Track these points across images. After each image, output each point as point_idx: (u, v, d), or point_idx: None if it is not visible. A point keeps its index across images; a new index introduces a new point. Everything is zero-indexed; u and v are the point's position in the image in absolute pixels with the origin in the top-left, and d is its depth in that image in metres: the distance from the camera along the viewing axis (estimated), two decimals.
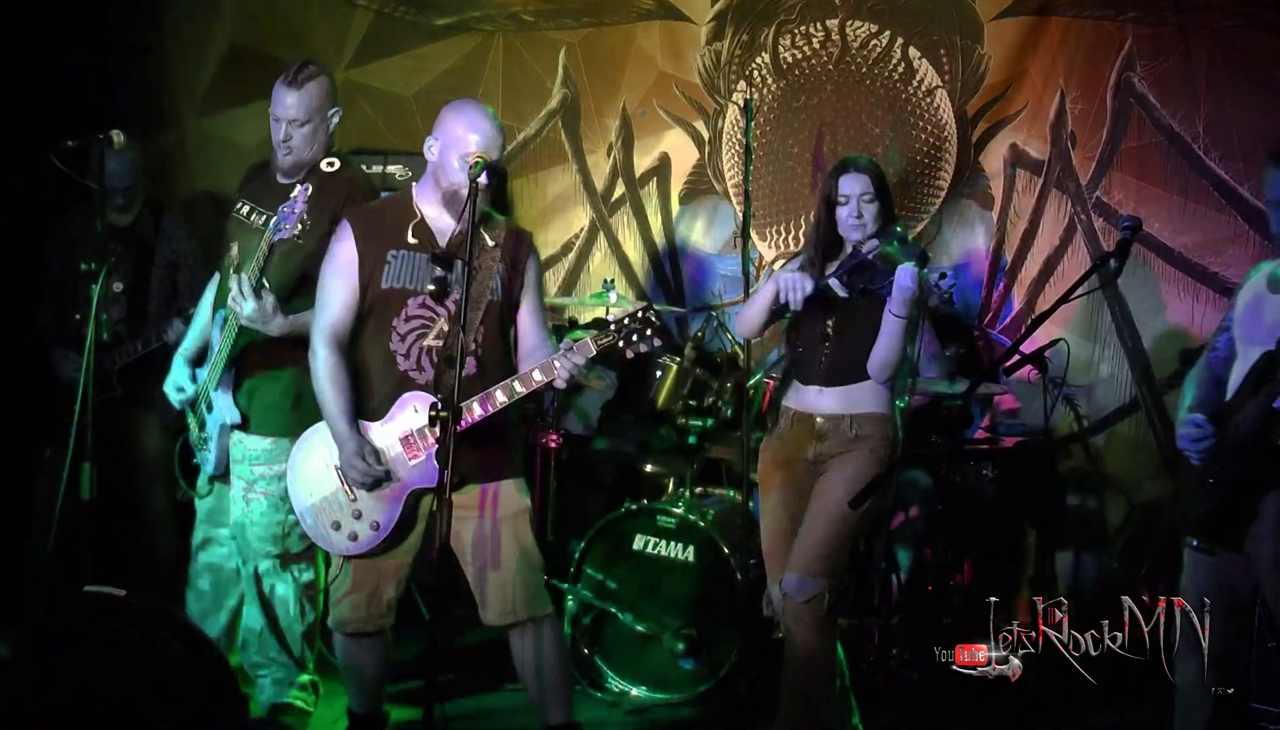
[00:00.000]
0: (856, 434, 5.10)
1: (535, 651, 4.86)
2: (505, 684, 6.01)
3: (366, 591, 4.88)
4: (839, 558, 5.03)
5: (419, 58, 8.07)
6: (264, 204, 5.41)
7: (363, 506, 4.79)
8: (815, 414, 5.16)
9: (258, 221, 5.40)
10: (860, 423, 5.11)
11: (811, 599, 4.95)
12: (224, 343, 5.34)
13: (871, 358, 5.06)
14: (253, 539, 5.43)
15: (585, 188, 7.99)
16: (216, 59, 8.17)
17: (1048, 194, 7.28)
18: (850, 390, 5.12)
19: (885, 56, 7.49)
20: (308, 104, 5.31)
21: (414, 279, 4.78)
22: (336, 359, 4.79)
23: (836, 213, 5.13)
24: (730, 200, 7.74)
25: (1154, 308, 7.12)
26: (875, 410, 5.13)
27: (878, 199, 5.10)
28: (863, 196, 5.07)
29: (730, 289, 7.53)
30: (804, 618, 4.98)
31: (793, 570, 5.00)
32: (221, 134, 8.12)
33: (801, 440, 5.18)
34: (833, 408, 5.14)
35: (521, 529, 4.83)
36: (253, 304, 5.08)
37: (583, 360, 4.50)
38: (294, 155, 5.36)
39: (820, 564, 4.96)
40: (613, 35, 7.91)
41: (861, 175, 5.10)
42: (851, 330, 5.10)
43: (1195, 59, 6.99)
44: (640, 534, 6.25)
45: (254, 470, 5.38)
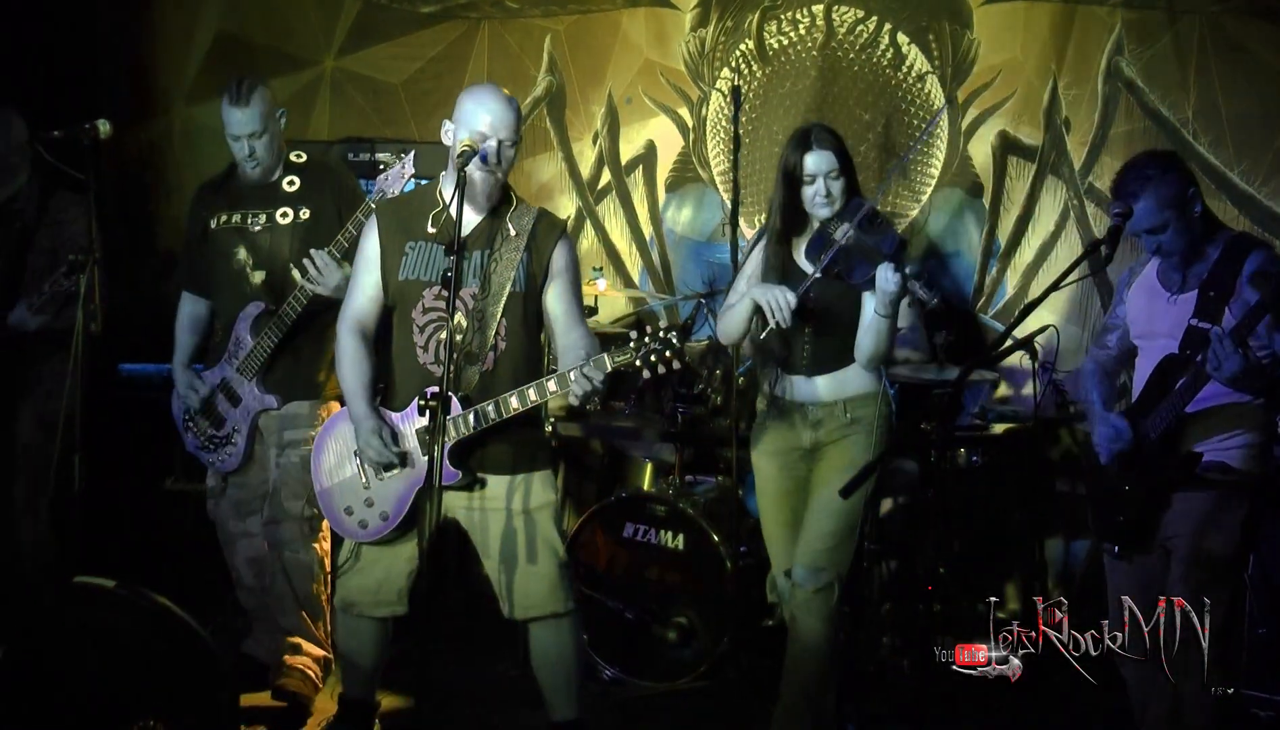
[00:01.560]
0: (851, 417, 5.07)
1: (554, 646, 4.85)
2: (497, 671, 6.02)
3: (376, 577, 4.87)
4: (848, 547, 5.03)
5: (406, 45, 8.04)
6: (253, 207, 5.69)
7: (375, 495, 4.79)
8: (808, 401, 5.11)
9: (255, 224, 5.67)
10: (854, 405, 5.07)
11: (823, 588, 4.95)
12: (265, 339, 5.56)
13: (859, 350, 5.00)
14: (285, 498, 5.61)
15: (571, 176, 7.97)
16: (204, 47, 8.14)
17: (1042, 180, 7.26)
18: (838, 375, 5.08)
19: (873, 42, 7.46)
20: (260, 113, 5.60)
21: (430, 270, 4.73)
22: (357, 344, 4.82)
23: (802, 191, 5.00)
24: (716, 187, 7.72)
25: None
26: (866, 389, 5.08)
27: (843, 174, 4.97)
28: (829, 174, 4.94)
29: (720, 277, 7.50)
30: (813, 606, 4.97)
31: (802, 563, 4.99)
32: (209, 122, 8.04)
33: (796, 428, 5.14)
34: (824, 394, 5.09)
35: (546, 522, 4.80)
36: (339, 273, 5.32)
37: (599, 378, 4.39)
38: (261, 165, 5.66)
39: (829, 555, 4.96)
40: (598, 22, 7.88)
41: (826, 152, 4.95)
42: (829, 316, 5.02)
43: (1184, 43, 6.98)
44: (630, 522, 6.25)
45: (285, 435, 5.62)
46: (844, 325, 5.01)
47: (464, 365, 4.67)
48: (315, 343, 5.61)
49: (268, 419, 5.67)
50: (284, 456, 5.64)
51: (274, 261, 5.59)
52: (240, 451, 5.71)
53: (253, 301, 5.63)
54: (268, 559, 5.76)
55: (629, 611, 6.16)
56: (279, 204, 5.65)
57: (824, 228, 4.97)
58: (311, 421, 5.62)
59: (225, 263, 5.68)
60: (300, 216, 5.62)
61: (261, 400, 5.63)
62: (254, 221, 5.66)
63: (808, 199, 5.01)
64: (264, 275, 5.62)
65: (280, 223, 5.63)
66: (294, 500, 5.62)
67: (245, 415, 5.66)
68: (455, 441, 4.60)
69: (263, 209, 5.66)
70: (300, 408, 5.65)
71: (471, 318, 4.67)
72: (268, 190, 5.70)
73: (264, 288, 5.61)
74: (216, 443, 5.73)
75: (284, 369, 5.62)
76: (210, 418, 5.72)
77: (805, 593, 4.97)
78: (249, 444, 5.70)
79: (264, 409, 5.64)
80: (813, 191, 4.98)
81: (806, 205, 5.03)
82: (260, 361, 5.59)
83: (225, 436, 5.71)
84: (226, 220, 5.70)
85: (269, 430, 5.68)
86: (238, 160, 5.67)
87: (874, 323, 4.89)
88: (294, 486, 5.61)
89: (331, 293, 5.34)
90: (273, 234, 5.64)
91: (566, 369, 4.50)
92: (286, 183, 5.68)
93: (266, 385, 5.62)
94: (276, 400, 5.62)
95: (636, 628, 6.16)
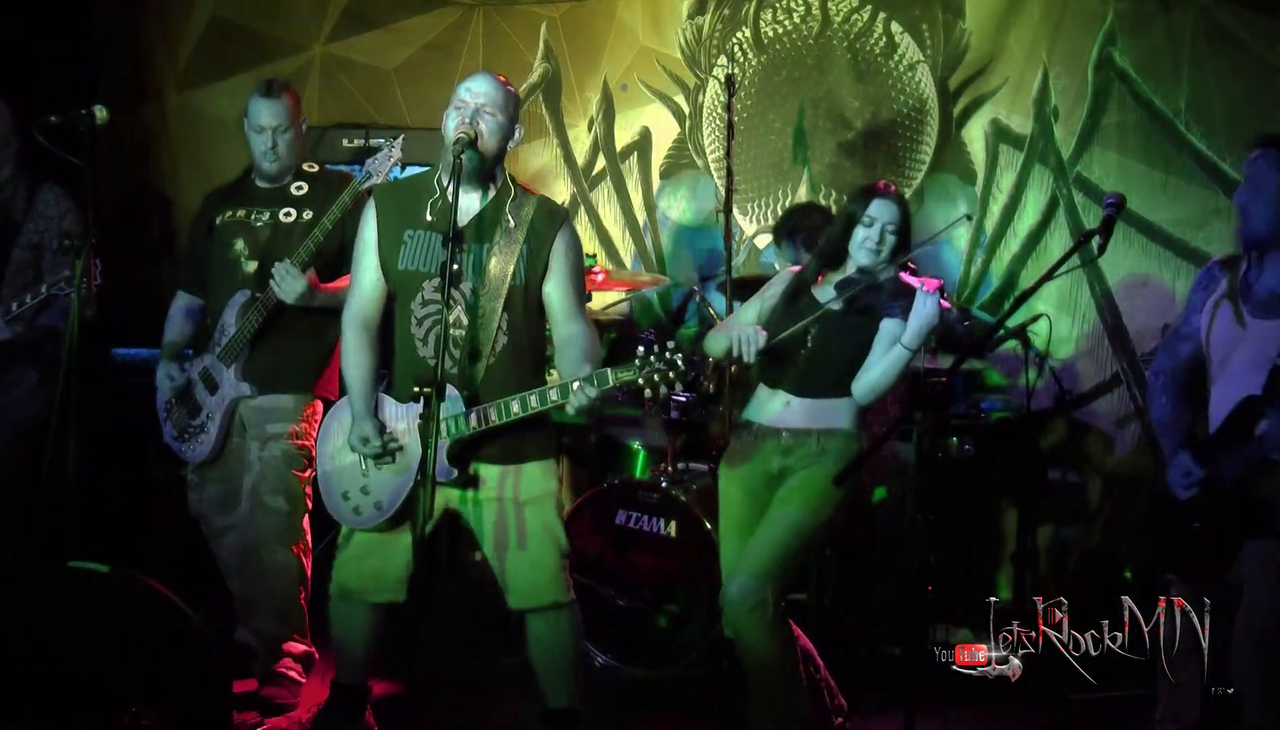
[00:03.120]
0: (822, 448, 5.00)
1: (551, 637, 4.81)
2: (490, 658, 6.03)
3: (373, 564, 4.82)
4: (788, 566, 4.93)
5: (399, 31, 8.03)
6: (259, 206, 5.70)
7: (371, 484, 4.76)
8: (781, 428, 5.06)
9: (258, 221, 5.67)
10: (826, 438, 5.01)
11: (756, 604, 4.83)
12: (245, 325, 5.53)
13: (862, 380, 4.96)
14: (264, 493, 5.57)
15: (566, 162, 7.97)
16: (197, 32, 8.13)
17: (1030, 169, 7.29)
18: (820, 405, 5.02)
19: (867, 31, 7.48)
20: (287, 108, 5.65)
21: (428, 261, 4.66)
22: (358, 336, 4.78)
23: (855, 231, 4.98)
24: (711, 174, 7.73)
25: (1135, 283, 7.14)
26: (842, 426, 5.03)
27: (899, 233, 4.97)
28: (888, 226, 4.93)
29: (712, 263, 7.51)
30: (750, 623, 4.86)
31: (740, 572, 4.90)
32: (203, 107, 8.09)
33: (766, 455, 5.07)
34: (799, 422, 5.04)
35: (546, 512, 4.74)
36: (301, 284, 5.34)
37: (596, 394, 4.33)
38: (280, 161, 5.67)
39: (768, 567, 4.86)
40: (594, 9, 7.89)
41: (894, 205, 4.95)
42: (833, 344, 5.00)
43: (1177, 34, 7.00)
44: (622, 509, 6.25)
45: (268, 428, 5.58)
46: (842, 360, 4.98)
47: (466, 361, 4.61)
48: (305, 336, 5.58)
49: (249, 410, 5.61)
50: (266, 450, 5.59)
51: (269, 254, 5.55)
52: (212, 441, 5.64)
53: (241, 289, 5.61)
54: None
55: (621, 598, 6.16)
56: (284, 205, 5.64)
57: (860, 271, 4.99)
58: (296, 416, 5.60)
59: (223, 253, 5.66)
60: (303, 217, 5.59)
61: (237, 387, 5.57)
62: (257, 218, 5.65)
63: (858, 241, 4.99)
64: (256, 266, 5.58)
65: (283, 221, 5.60)
66: (273, 495, 5.57)
67: (220, 403, 5.61)
68: (454, 440, 4.56)
69: (268, 208, 5.66)
70: (284, 401, 5.61)
71: (471, 312, 4.62)
72: (276, 193, 5.69)
73: (255, 278, 5.58)
74: (190, 432, 5.67)
75: (269, 359, 5.58)
76: (188, 405, 5.69)
77: (739, 610, 4.86)
78: (222, 434, 5.64)
79: (239, 396, 5.58)
80: (865, 234, 4.96)
81: (853, 245, 5.01)
82: (240, 347, 5.55)
83: (199, 425, 5.65)
84: (231, 216, 5.69)
85: (250, 422, 5.62)
86: (257, 155, 5.66)
87: (895, 353, 4.87)
88: (274, 481, 5.57)
89: (294, 301, 5.37)
90: (273, 230, 5.62)
91: (566, 372, 4.47)
92: (295, 187, 5.68)
93: (246, 373, 5.57)
94: (251, 389, 5.57)
95: (628, 615, 6.16)
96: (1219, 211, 6.95)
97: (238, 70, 8.04)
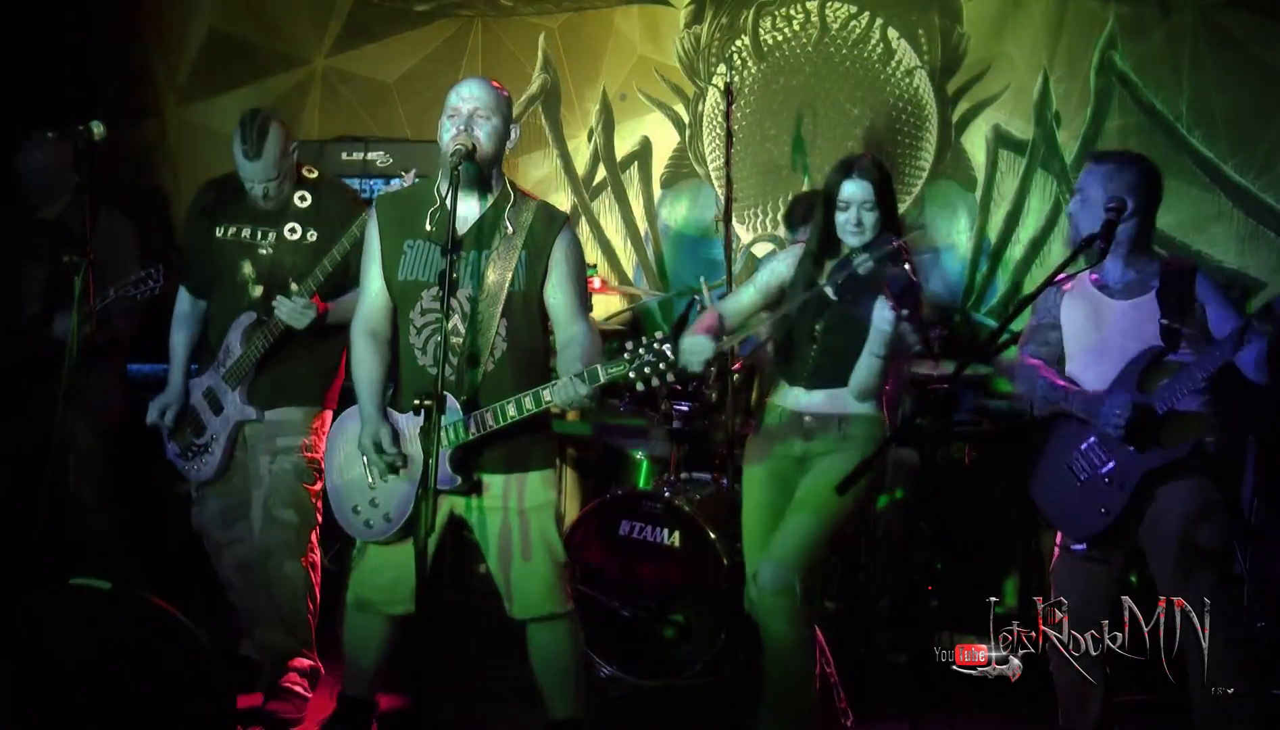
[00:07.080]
0: (845, 433, 5.04)
1: (551, 646, 4.81)
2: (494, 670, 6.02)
3: (389, 576, 4.80)
4: (816, 552, 4.98)
5: (399, 44, 8.05)
6: (262, 223, 5.61)
7: (379, 496, 4.75)
8: (805, 412, 5.10)
9: (263, 245, 5.59)
10: (850, 423, 5.04)
11: (782, 591, 4.88)
12: (251, 349, 5.51)
13: (851, 380, 4.99)
14: (274, 506, 5.55)
15: (566, 173, 7.97)
16: (196, 46, 8.14)
17: (1032, 175, 7.28)
18: (838, 393, 5.05)
19: (864, 38, 7.48)
20: (273, 160, 5.46)
21: (427, 271, 4.65)
22: (366, 345, 4.77)
23: (835, 216, 5.01)
24: (712, 183, 7.72)
25: None
26: (863, 411, 5.05)
27: (879, 207, 4.96)
28: (863, 203, 4.94)
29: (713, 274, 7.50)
30: (776, 610, 4.90)
31: (768, 559, 4.93)
32: (202, 121, 8.10)
33: (789, 438, 5.12)
34: (822, 407, 5.07)
35: (545, 522, 4.74)
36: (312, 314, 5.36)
37: (586, 391, 4.34)
38: (275, 198, 5.57)
39: (796, 555, 4.90)
40: (592, 20, 7.89)
41: (863, 181, 4.94)
42: (839, 335, 5.01)
43: (1177, 37, 6.99)
44: (626, 519, 6.23)
45: (278, 442, 5.56)
46: (853, 348, 4.97)
47: (465, 368, 4.61)
48: (313, 350, 5.57)
49: (257, 425, 5.60)
50: (276, 463, 5.57)
51: (275, 278, 5.52)
52: (216, 461, 5.62)
53: (246, 312, 5.58)
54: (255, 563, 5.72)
55: (625, 609, 6.15)
56: (288, 220, 5.59)
57: (849, 255, 4.98)
58: (304, 429, 5.59)
59: (229, 276, 5.61)
60: (308, 238, 5.54)
61: (242, 411, 5.56)
62: (262, 239, 5.58)
63: (839, 225, 5.02)
64: (263, 290, 5.55)
65: (288, 238, 5.54)
66: (282, 508, 5.55)
67: (225, 424, 5.60)
68: (455, 447, 4.57)
69: (271, 226, 5.57)
70: (293, 414, 5.59)
71: (469, 320, 4.62)
72: (278, 206, 5.60)
73: (262, 302, 5.55)
74: (195, 451, 5.66)
75: (277, 375, 5.56)
76: (192, 425, 5.68)
77: (767, 597, 4.90)
78: (227, 454, 5.63)
79: (244, 420, 5.58)
80: (844, 218, 4.99)
81: (838, 231, 5.04)
82: (245, 370, 5.54)
83: (204, 445, 5.64)
84: (235, 233, 5.62)
85: (259, 437, 5.60)
86: (249, 189, 5.55)
87: (864, 358, 4.91)
88: (284, 494, 5.55)
89: (305, 330, 5.40)
90: (278, 251, 5.57)
91: (564, 371, 4.45)
92: (298, 198, 5.60)
93: (251, 394, 5.56)
94: (256, 411, 5.56)
95: (633, 625, 6.15)
96: (1220, 215, 6.94)
97: (238, 84, 8.07)
